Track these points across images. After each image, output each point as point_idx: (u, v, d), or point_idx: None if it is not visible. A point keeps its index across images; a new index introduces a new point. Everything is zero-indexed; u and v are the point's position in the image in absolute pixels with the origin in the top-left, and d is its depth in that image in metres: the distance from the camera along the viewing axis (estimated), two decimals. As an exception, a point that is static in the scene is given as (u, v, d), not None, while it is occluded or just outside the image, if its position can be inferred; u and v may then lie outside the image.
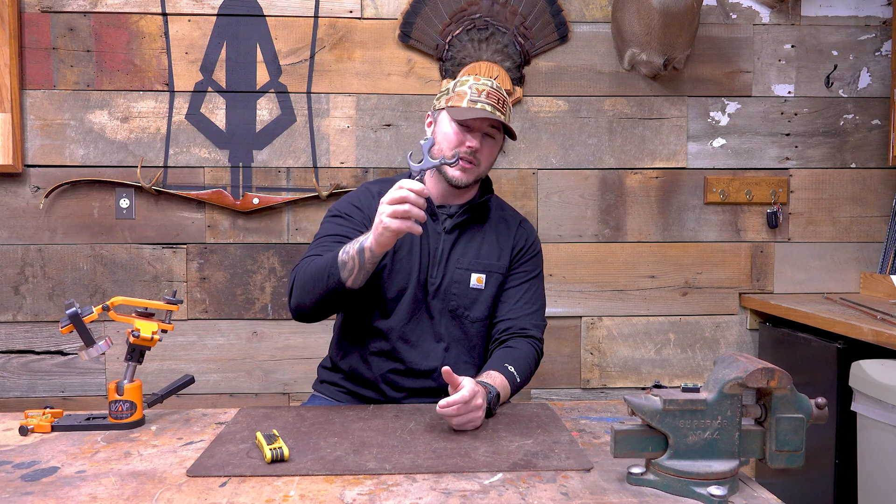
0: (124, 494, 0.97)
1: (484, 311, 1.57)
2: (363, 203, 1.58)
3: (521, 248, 1.62)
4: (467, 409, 1.21)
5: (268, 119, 2.24)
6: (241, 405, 2.24)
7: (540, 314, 1.61)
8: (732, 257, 2.34)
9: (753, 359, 1.00)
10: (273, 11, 2.22)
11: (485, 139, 1.54)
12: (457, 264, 1.56)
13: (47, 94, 2.19)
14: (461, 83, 1.54)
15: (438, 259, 1.55)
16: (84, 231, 2.21)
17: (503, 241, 1.61)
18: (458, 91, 1.53)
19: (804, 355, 1.99)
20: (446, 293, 1.55)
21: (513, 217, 1.68)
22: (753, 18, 2.32)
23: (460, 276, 1.55)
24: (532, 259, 1.64)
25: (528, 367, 1.50)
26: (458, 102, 1.51)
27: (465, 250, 1.57)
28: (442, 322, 1.55)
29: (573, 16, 2.28)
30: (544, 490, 0.98)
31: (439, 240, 1.57)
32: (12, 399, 2.21)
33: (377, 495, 0.96)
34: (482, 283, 1.56)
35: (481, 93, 1.51)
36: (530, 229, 1.69)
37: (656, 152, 2.32)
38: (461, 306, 1.55)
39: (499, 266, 1.59)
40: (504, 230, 1.63)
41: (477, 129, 1.52)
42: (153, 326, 1.32)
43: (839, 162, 2.36)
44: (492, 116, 1.49)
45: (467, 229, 1.59)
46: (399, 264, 1.54)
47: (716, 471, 0.96)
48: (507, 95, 1.56)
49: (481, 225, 1.61)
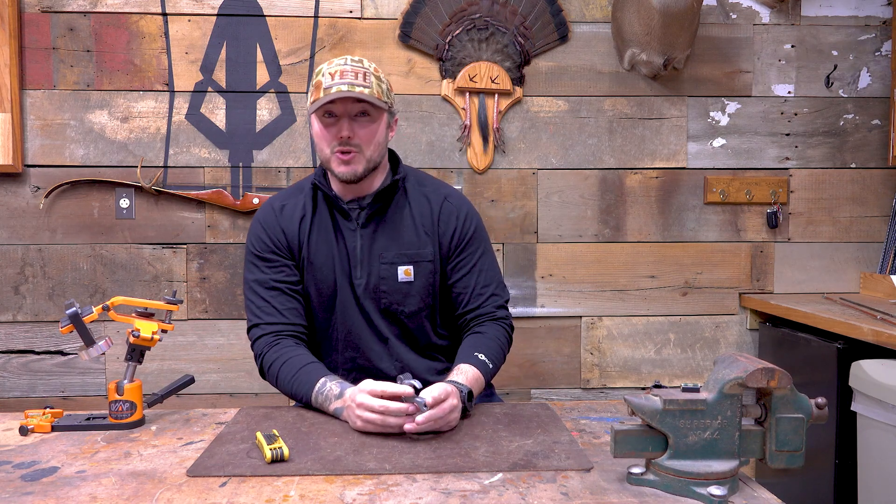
0: (124, 494, 0.97)
1: (418, 304, 1.49)
2: (269, 226, 1.50)
3: (452, 232, 1.51)
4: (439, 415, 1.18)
5: (268, 119, 2.24)
6: (241, 405, 2.24)
7: (499, 290, 1.53)
8: (732, 257, 2.34)
9: (753, 359, 1.00)
10: (273, 11, 2.22)
11: (357, 121, 1.41)
12: (381, 259, 1.47)
13: (47, 94, 2.19)
14: (317, 73, 1.42)
15: (360, 257, 1.47)
16: (84, 231, 2.21)
17: (427, 224, 1.51)
18: (315, 83, 1.41)
19: (804, 355, 1.99)
20: (376, 291, 1.48)
21: (435, 193, 1.55)
22: (753, 18, 2.32)
23: (387, 272, 1.47)
24: (472, 239, 1.53)
25: (498, 349, 1.46)
26: (317, 95, 1.39)
27: (388, 243, 1.48)
28: (380, 322, 1.49)
29: (573, 16, 2.28)
30: (544, 490, 0.98)
31: (355, 236, 1.48)
32: (12, 399, 2.21)
33: (377, 495, 0.96)
34: (410, 275, 1.48)
35: (335, 74, 1.38)
36: (459, 204, 1.55)
37: (656, 152, 2.32)
38: (394, 303, 1.48)
39: (426, 254, 1.49)
40: (426, 212, 1.51)
41: (343, 114, 1.40)
42: (153, 326, 1.32)
43: (839, 162, 2.36)
44: (350, 94, 1.36)
45: (385, 218, 1.49)
46: (321, 270, 1.48)
47: (716, 471, 0.95)
48: (368, 67, 1.42)
49: (400, 210, 1.51)
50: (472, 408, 1.32)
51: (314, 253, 1.49)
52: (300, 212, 1.51)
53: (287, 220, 1.50)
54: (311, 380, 1.34)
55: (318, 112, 1.42)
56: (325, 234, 1.49)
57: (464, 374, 1.35)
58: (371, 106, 1.41)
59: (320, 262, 1.48)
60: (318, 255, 1.49)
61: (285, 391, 1.40)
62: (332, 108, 1.40)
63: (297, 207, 1.51)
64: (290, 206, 1.52)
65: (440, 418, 1.18)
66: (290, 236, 1.49)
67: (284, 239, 1.49)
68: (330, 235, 1.49)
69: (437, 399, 1.17)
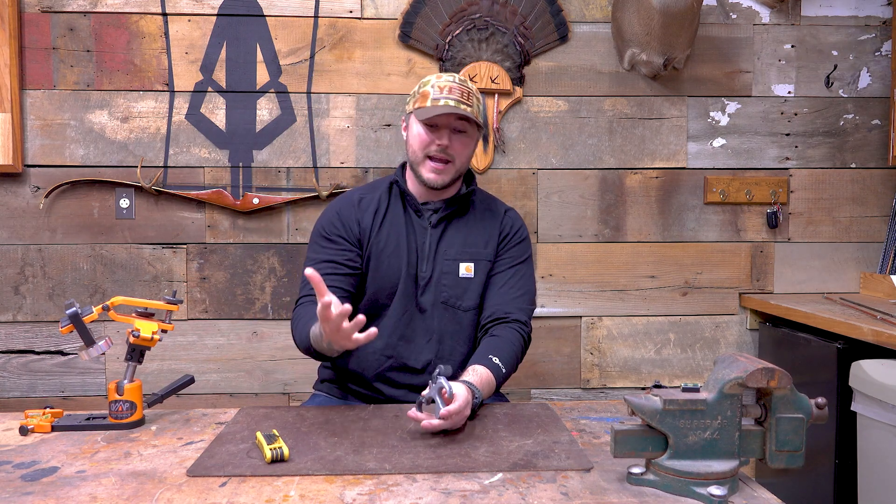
0: (124, 494, 0.97)
1: (475, 300, 1.58)
2: (345, 214, 1.59)
3: (506, 234, 1.63)
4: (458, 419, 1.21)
5: (268, 119, 2.24)
6: (241, 405, 2.24)
7: (526, 298, 1.60)
8: (732, 257, 2.34)
9: (753, 359, 1.00)
10: (273, 11, 2.22)
11: (455, 135, 1.54)
12: (445, 256, 1.57)
13: (47, 94, 2.19)
14: (424, 83, 1.56)
15: (427, 253, 1.57)
16: (84, 231, 2.21)
17: (490, 228, 1.62)
18: (422, 92, 1.54)
19: (804, 355, 1.99)
20: (437, 285, 1.56)
21: (499, 207, 1.69)
22: (753, 18, 2.32)
23: (449, 268, 1.57)
24: (518, 245, 1.64)
25: (513, 355, 1.49)
26: (423, 103, 1.52)
27: (452, 241, 1.58)
28: (434, 315, 1.56)
29: (573, 16, 2.28)
30: (544, 490, 0.98)
31: (426, 234, 1.58)
32: (12, 399, 2.21)
33: (377, 495, 0.96)
34: (471, 271, 1.58)
35: (443, 89, 1.51)
36: (516, 217, 1.69)
37: (656, 152, 2.32)
38: (453, 296, 1.57)
39: (486, 253, 1.60)
40: (490, 218, 1.64)
41: (444, 126, 1.52)
42: (153, 326, 1.32)
43: (839, 162, 2.36)
44: (456, 111, 1.49)
45: (453, 222, 1.60)
46: (387, 261, 1.56)
47: (716, 471, 0.96)
48: (471, 87, 1.56)
49: (467, 216, 1.62)
50: (478, 410, 1.33)
51: (384, 244, 1.57)
52: (375, 205, 1.60)
53: (363, 211, 1.60)
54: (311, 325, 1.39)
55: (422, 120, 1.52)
56: (397, 228, 1.58)
57: (478, 376, 1.37)
58: (470, 124, 1.55)
59: (389, 252, 1.56)
60: (388, 247, 1.57)
61: (299, 343, 1.46)
62: (437, 121, 1.52)
63: (373, 201, 1.62)
64: (368, 200, 1.62)
65: (455, 423, 1.21)
66: (364, 227, 1.59)
67: (357, 228, 1.58)
68: (401, 230, 1.58)
69: (450, 412, 1.18)
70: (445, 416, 1.17)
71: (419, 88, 1.56)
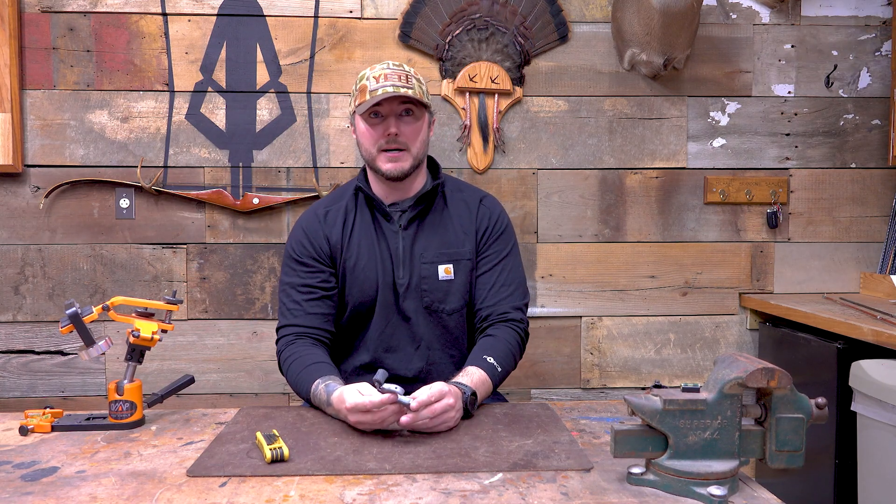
0: (124, 494, 0.97)
1: (459, 302, 1.54)
2: (312, 233, 1.56)
3: (485, 228, 1.58)
4: (435, 413, 1.17)
5: (268, 119, 2.24)
6: (241, 405, 2.24)
7: (518, 294, 1.56)
8: (732, 257, 2.34)
9: (753, 359, 1.00)
10: (273, 11, 2.22)
11: (402, 120, 1.49)
12: (422, 259, 1.53)
13: (47, 94, 2.19)
14: (360, 78, 1.51)
15: (402, 258, 1.53)
16: (84, 231, 2.21)
17: (466, 224, 1.57)
18: (360, 87, 1.49)
19: (804, 355, 1.99)
20: (418, 290, 1.53)
21: (472, 196, 1.62)
22: (753, 18, 2.32)
23: (428, 271, 1.52)
24: (500, 237, 1.59)
25: (509, 352, 1.47)
26: (363, 98, 1.48)
27: (428, 243, 1.54)
28: (419, 321, 1.53)
29: (573, 16, 2.28)
30: (544, 490, 0.98)
31: (398, 238, 1.54)
32: (12, 399, 2.21)
33: (377, 495, 0.96)
34: (451, 273, 1.53)
35: (379, 78, 1.47)
36: (493, 205, 1.62)
37: (656, 152, 2.32)
38: (435, 301, 1.53)
39: (465, 252, 1.55)
40: (465, 213, 1.58)
41: (389, 114, 1.48)
42: (153, 326, 1.32)
43: (839, 162, 2.36)
44: (395, 94, 1.44)
45: (426, 220, 1.56)
46: (362, 273, 1.52)
47: (716, 471, 0.96)
48: (409, 70, 1.51)
49: (440, 213, 1.57)
50: (474, 409, 1.32)
51: (356, 255, 1.53)
52: (342, 216, 1.56)
53: (330, 226, 1.56)
54: (310, 380, 1.38)
55: (364, 114, 1.49)
56: (368, 237, 1.54)
57: (469, 376, 1.36)
58: (415, 105, 1.50)
59: (363, 264, 1.53)
60: (361, 258, 1.53)
61: (294, 389, 1.45)
62: (379, 109, 1.48)
63: (339, 212, 1.57)
64: (333, 212, 1.58)
65: (433, 418, 1.18)
66: (333, 242, 1.54)
67: (327, 246, 1.54)
68: (372, 238, 1.54)
69: (422, 403, 1.15)
70: (417, 408, 1.14)
71: (357, 85, 1.51)
